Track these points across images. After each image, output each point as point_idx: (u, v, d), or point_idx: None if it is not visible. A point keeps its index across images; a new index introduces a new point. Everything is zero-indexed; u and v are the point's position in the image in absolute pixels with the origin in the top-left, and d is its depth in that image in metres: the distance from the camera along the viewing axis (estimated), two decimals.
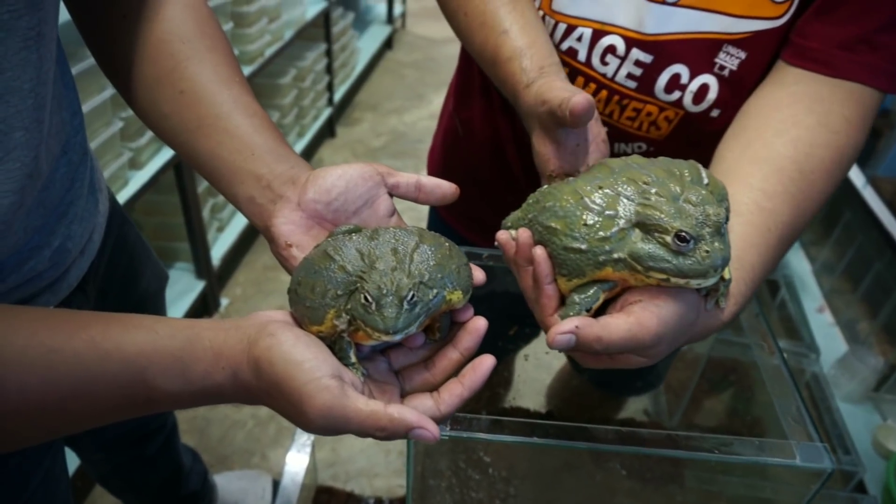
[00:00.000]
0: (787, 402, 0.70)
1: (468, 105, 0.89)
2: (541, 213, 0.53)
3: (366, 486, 1.58)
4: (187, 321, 0.46)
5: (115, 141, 1.41)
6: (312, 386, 0.40)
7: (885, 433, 1.57)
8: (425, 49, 4.29)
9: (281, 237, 0.53)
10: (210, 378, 0.43)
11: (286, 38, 2.26)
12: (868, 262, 1.83)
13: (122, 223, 0.81)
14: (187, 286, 1.89)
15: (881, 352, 1.71)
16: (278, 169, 0.55)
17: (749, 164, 0.60)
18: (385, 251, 0.47)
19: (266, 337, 0.43)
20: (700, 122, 0.70)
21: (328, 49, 2.81)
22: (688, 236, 0.45)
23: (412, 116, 3.44)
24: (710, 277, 0.46)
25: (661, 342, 0.47)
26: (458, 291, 0.48)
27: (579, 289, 0.50)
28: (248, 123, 0.56)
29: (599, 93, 0.71)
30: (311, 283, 0.47)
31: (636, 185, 0.50)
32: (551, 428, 0.64)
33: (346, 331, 0.46)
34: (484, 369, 0.46)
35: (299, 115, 2.64)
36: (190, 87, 0.57)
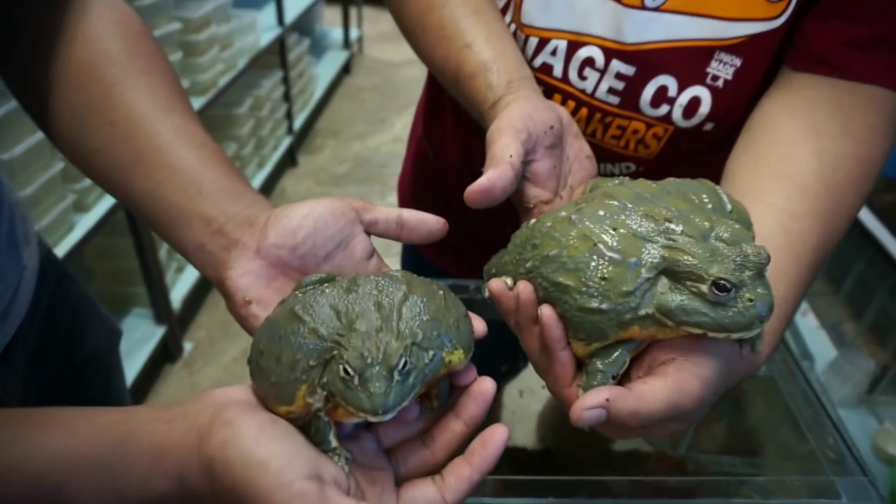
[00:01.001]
0: (820, 431, 0.63)
1: (439, 127, 0.82)
2: (543, 263, 0.44)
3: None
4: (121, 413, 0.36)
5: (55, 184, 1.30)
6: (282, 494, 0.31)
7: (884, 437, 1.53)
8: (384, 72, 4.24)
9: (238, 292, 0.44)
10: (149, 487, 0.34)
11: (240, 66, 2.18)
12: (848, 263, 1.81)
13: (60, 277, 0.70)
14: (146, 333, 1.76)
15: (870, 353, 1.68)
16: (232, 209, 0.46)
17: (767, 180, 0.53)
18: (367, 306, 0.39)
19: (221, 429, 0.34)
20: (692, 137, 0.64)
21: (285, 76, 2.73)
22: (728, 285, 0.37)
23: (375, 141, 3.37)
24: (755, 329, 0.39)
25: (703, 405, 0.40)
26: (458, 350, 0.39)
27: (600, 353, 0.42)
28: (195, 156, 0.48)
29: (579, 111, 0.64)
30: (277, 353, 0.38)
31: (656, 221, 0.42)
32: (564, 484, 0.56)
33: (322, 409, 0.37)
34: (496, 444, 0.38)
35: (258, 145, 2.54)
36: (123, 117, 0.48)
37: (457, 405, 0.41)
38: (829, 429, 0.62)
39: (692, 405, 0.39)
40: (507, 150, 0.48)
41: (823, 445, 0.61)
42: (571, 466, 0.94)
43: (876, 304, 1.69)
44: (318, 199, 0.46)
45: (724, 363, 0.41)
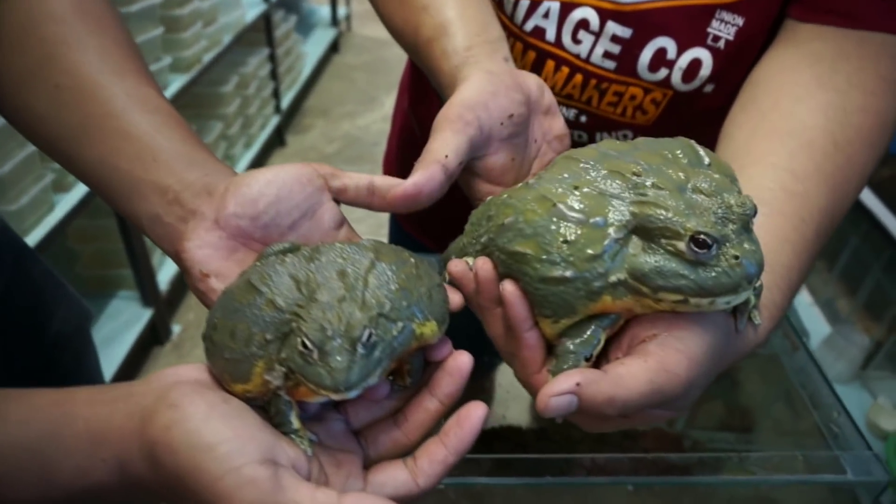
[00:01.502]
0: (825, 408, 0.61)
1: (424, 101, 0.79)
2: (499, 234, 0.39)
3: None
4: (56, 394, 0.33)
5: (33, 162, 1.26)
6: (230, 480, 0.29)
7: (878, 412, 1.53)
8: (374, 51, 4.18)
9: (195, 265, 0.41)
10: (86, 476, 0.31)
11: (225, 42, 2.12)
12: (843, 238, 1.80)
13: (20, 257, 0.67)
14: (133, 316, 1.73)
15: (864, 329, 1.68)
16: (189, 177, 0.43)
17: (768, 139, 0.49)
18: (329, 275, 0.35)
19: (166, 410, 0.31)
20: (692, 101, 0.60)
21: (271, 54, 2.67)
22: (709, 239, 0.33)
23: (365, 120, 3.32)
24: (743, 291, 0.34)
25: (692, 388, 0.36)
26: (430, 322, 0.36)
27: (571, 331, 0.37)
28: (148, 122, 0.44)
29: (574, 77, 0.60)
30: (231, 327, 0.35)
31: (623, 177, 0.37)
32: (562, 462, 0.54)
33: (282, 387, 0.34)
34: (473, 424, 0.35)
35: (245, 124, 2.50)
36: (70, 81, 0.44)
37: (431, 382, 0.38)
38: (832, 403, 0.61)
39: (679, 388, 0.34)
40: (444, 149, 0.44)
41: (827, 420, 0.60)
42: (568, 445, 0.92)
43: (871, 279, 1.68)
44: (282, 165, 0.43)
45: (715, 338, 0.37)
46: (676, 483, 0.55)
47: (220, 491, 0.29)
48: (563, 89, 0.62)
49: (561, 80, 0.61)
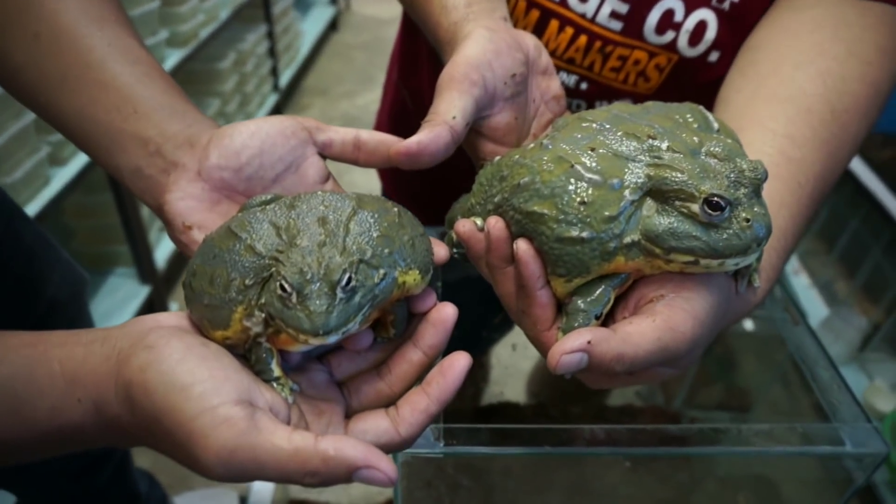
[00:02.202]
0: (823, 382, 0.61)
1: (415, 72, 0.78)
2: (514, 194, 0.40)
3: (342, 495, 1.47)
4: (31, 336, 0.33)
5: (28, 134, 1.24)
6: (205, 420, 0.29)
7: (874, 393, 1.54)
8: (373, 30, 4.13)
9: (177, 217, 0.41)
10: (61, 416, 0.31)
11: (222, 18, 2.10)
12: (842, 220, 1.80)
13: (11, 218, 0.66)
14: (130, 292, 1.73)
15: (863, 311, 1.68)
16: (171, 129, 0.42)
17: (767, 103, 0.49)
18: (310, 222, 0.35)
19: (142, 352, 0.31)
20: (695, 70, 0.60)
21: (269, 31, 2.64)
22: (723, 201, 0.34)
23: (364, 99, 3.29)
24: (752, 253, 0.35)
25: (697, 346, 0.36)
26: (413, 271, 0.36)
27: (582, 290, 0.38)
28: (129, 72, 0.43)
29: (577, 39, 0.59)
30: (210, 273, 0.35)
31: (638, 139, 0.38)
32: (560, 432, 0.54)
33: (262, 334, 0.34)
34: (456, 373, 0.35)
35: (243, 102, 2.47)
36: (48, 30, 0.43)
37: (415, 333, 0.38)
38: (832, 376, 0.60)
39: (685, 347, 0.35)
40: (452, 110, 0.43)
41: (826, 396, 0.60)
42: (566, 421, 0.92)
43: (870, 261, 1.68)
44: (266, 117, 0.43)
45: (718, 299, 0.38)
46: (673, 454, 0.54)
47: (194, 430, 0.29)
48: (566, 53, 0.60)
49: (564, 41, 0.60)
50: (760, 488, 0.84)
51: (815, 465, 0.68)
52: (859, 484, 0.57)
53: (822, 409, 0.58)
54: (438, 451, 0.51)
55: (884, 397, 1.52)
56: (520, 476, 0.83)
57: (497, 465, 0.83)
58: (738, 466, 0.83)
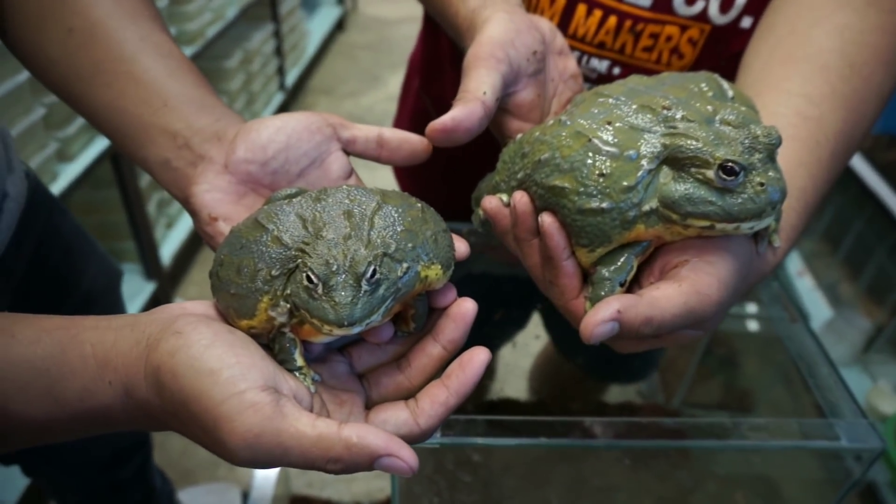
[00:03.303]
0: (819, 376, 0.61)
1: (438, 79, 0.78)
2: (535, 169, 0.41)
3: (344, 491, 1.47)
4: (63, 319, 0.34)
5: (37, 130, 1.26)
6: (232, 404, 0.29)
7: (877, 395, 1.53)
8: (379, 30, 4.14)
9: (203, 209, 0.42)
10: (91, 398, 0.32)
11: (229, 16, 2.11)
12: (847, 222, 1.79)
13: (52, 213, 0.67)
14: (136, 288, 1.74)
15: (867, 313, 1.67)
16: (199, 123, 0.43)
17: (783, 64, 0.49)
18: (335, 215, 0.36)
19: (171, 337, 0.31)
20: (729, 39, 0.59)
21: (276, 30, 2.66)
22: (737, 167, 0.34)
23: (369, 99, 3.30)
24: (766, 217, 0.36)
25: (722, 309, 0.37)
26: (436, 266, 0.37)
27: (605, 259, 0.39)
28: (161, 67, 0.44)
29: (607, 21, 0.59)
30: (237, 263, 0.35)
31: (653, 111, 0.39)
32: (557, 424, 0.55)
33: (286, 324, 0.34)
34: (476, 367, 0.35)
35: (249, 100, 2.48)
36: (82, 24, 0.44)
37: (435, 328, 0.38)
38: (829, 373, 0.60)
39: (711, 310, 0.36)
40: (482, 86, 0.44)
41: (823, 392, 0.60)
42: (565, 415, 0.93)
43: (874, 263, 1.67)
44: (292, 113, 0.44)
45: (741, 261, 0.39)
46: (670, 446, 0.55)
47: (221, 414, 0.29)
48: (596, 37, 0.60)
49: (593, 25, 0.59)
50: (759, 487, 0.84)
51: (814, 464, 0.68)
52: (856, 478, 0.57)
53: (828, 400, 0.59)
54: (436, 441, 0.52)
55: (887, 399, 1.51)
56: (519, 473, 0.83)
57: (496, 461, 0.83)
58: (737, 465, 0.84)
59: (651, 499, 0.84)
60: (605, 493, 0.83)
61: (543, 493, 0.82)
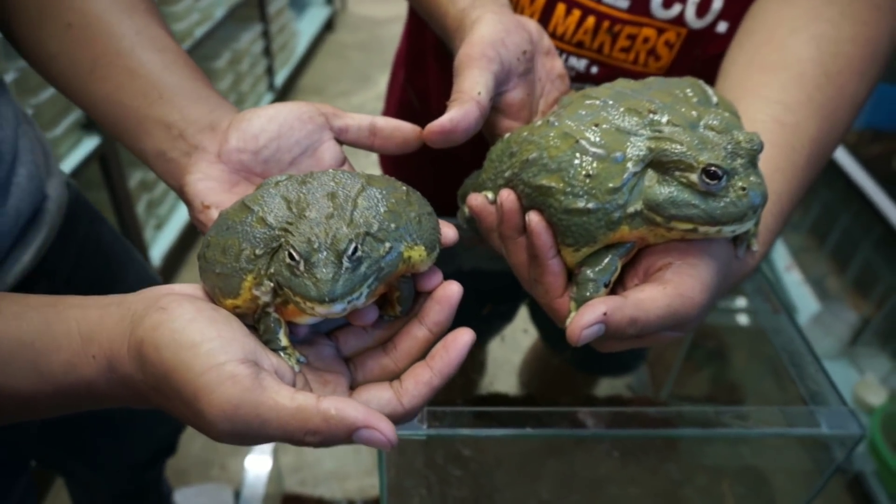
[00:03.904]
0: (802, 366, 0.62)
1: (421, 72, 0.79)
2: (523, 168, 0.42)
3: (336, 489, 1.47)
4: (49, 297, 0.35)
5: None
6: (211, 376, 0.30)
7: (865, 388, 1.55)
8: (369, 29, 4.14)
9: (197, 197, 0.42)
10: (75, 371, 0.33)
11: (217, 17, 2.10)
12: (833, 217, 1.81)
13: (93, 221, 0.68)
14: None
15: (853, 306, 1.69)
16: (193, 114, 0.44)
17: (761, 72, 0.50)
18: (319, 196, 0.36)
19: (154, 313, 0.32)
20: (705, 43, 0.60)
21: (265, 30, 2.65)
22: (720, 171, 0.35)
23: (359, 99, 3.30)
24: (748, 220, 0.36)
25: (703, 311, 0.38)
26: (419, 247, 0.37)
27: (590, 260, 0.40)
28: (157, 60, 0.45)
29: (585, 20, 0.60)
30: (223, 244, 0.36)
31: (639, 114, 0.40)
32: (545, 415, 0.55)
33: (270, 304, 0.35)
34: (459, 348, 0.36)
35: (238, 101, 2.48)
36: (80, 20, 0.45)
37: (420, 311, 0.39)
38: (810, 361, 0.61)
39: (693, 312, 0.37)
40: (476, 86, 0.45)
41: (807, 380, 0.61)
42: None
43: (860, 257, 1.69)
44: (284, 102, 0.45)
45: (721, 264, 0.39)
46: (656, 435, 0.56)
47: (201, 386, 0.30)
48: (574, 36, 0.61)
49: (572, 25, 0.60)
50: (747, 478, 0.85)
51: (801, 454, 0.69)
52: (838, 463, 0.58)
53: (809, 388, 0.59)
54: (422, 433, 0.52)
55: (874, 391, 1.53)
56: (509, 467, 0.84)
57: (486, 455, 0.84)
58: (725, 457, 0.85)
59: (640, 491, 0.85)
60: (595, 486, 0.84)
61: (534, 486, 0.83)
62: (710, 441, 0.83)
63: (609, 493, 0.84)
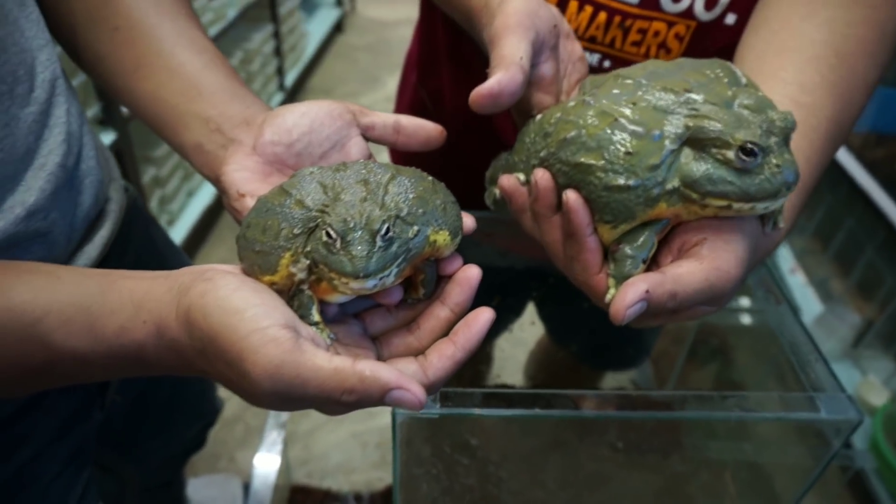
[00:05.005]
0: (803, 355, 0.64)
1: (435, 73, 0.80)
2: (561, 148, 0.43)
3: (343, 481, 1.49)
4: (103, 270, 0.37)
5: None
6: (255, 338, 0.32)
7: (867, 388, 1.56)
8: (378, 32, 4.17)
9: (232, 186, 0.45)
10: (127, 335, 0.35)
11: (229, 17, 2.13)
12: (838, 220, 1.82)
13: (148, 226, 0.71)
14: None
15: (857, 308, 1.70)
16: (230, 110, 0.47)
17: (777, 55, 0.52)
18: (353, 182, 0.39)
19: (201, 282, 0.34)
20: (714, 35, 0.62)
21: (276, 31, 2.68)
22: (756, 148, 0.36)
23: (368, 100, 3.33)
24: (781, 197, 0.38)
25: (737, 285, 0.40)
26: (444, 231, 0.40)
27: (627, 237, 0.41)
28: (196, 60, 0.48)
29: (597, 16, 0.61)
30: (262, 224, 0.38)
31: (675, 93, 0.41)
32: (553, 398, 0.57)
33: (305, 281, 0.37)
34: (480, 324, 0.38)
35: None
36: (125, 23, 0.49)
37: (442, 292, 0.41)
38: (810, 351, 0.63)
39: (730, 286, 0.39)
40: (518, 51, 0.45)
41: (805, 366, 0.62)
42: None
43: (864, 259, 1.70)
44: (315, 101, 0.47)
45: (752, 239, 0.41)
46: (660, 417, 0.57)
47: (245, 347, 0.32)
48: (587, 31, 0.62)
49: (584, 21, 0.62)
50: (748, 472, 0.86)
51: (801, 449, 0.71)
52: (835, 450, 0.60)
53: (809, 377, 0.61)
54: (435, 412, 0.54)
55: (876, 392, 1.54)
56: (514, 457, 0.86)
57: (493, 445, 0.86)
58: (727, 451, 0.86)
59: (644, 483, 0.87)
60: (599, 477, 0.85)
61: (539, 476, 0.85)
62: (713, 434, 0.85)
63: (612, 485, 0.86)
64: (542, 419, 0.59)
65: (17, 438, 0.53)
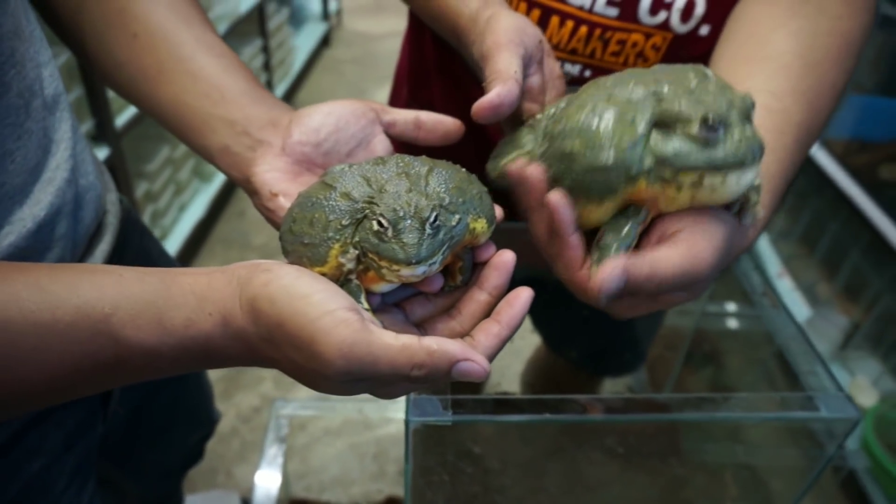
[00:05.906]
0: (801, 355, 0.66)
1: (425, 86, 0.82)
2: (552, 143, 0.46)
3: (342, 494, 1.49)
4: (159, 269, 0.38)
5: None
6: (326, 321, 0.33)
7: (857, 390, 1.58)
8: (364, 45, 4.20)
9: (265, 186, 0.46)
10: (194, 326, 0.35)
11: (220, 31, 2.13)
12: (823, 224, 1.86)
13: (142, 236, 0.71)
14: None
15: (844, 311, 1.73)
16: (254, 112, 0.48)
17: (747, 64, 0.54)
18: (394, 175, 0.40)
19: (261, 274, 0.35)
20: (689, 46, 0.65)
21: (265, 45, 2.69)
22: (716, 120, 0.39)
23: None
24: (749, 167, 0.40)
25: (713, 273, 0.41)
26: (482, 219, 0.41)
27: (610, 227, 0.44)
28: (216, 64, 0.49)
29: (578, 30, 0.65)
30: (310, 217, 0.39)
31: (645, 86, 0.44)
32: (560, 403, 0.58)
33: (353, 270, 0.38)
34: (522, 302, 0.39)
35: None
36: (144, 29, 0.49)
37: (480, 278, 0.42)
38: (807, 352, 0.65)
39: (705, 271, 0.40)
40: (512, 66, 0.48)
41: (803, 367, 0.64)
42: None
43: (849, 263, 1.74)
44: (337, 100, 0.49)
45: (729, 231, 0.43)
46: (666, 419, 0.59)
47: (318, 329, 0.33)
48: (569, 44, 0.65)
49: (566, 34, 0.65)
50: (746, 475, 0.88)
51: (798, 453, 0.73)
52: (834, 450, 0.61)
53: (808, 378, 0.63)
54: (448, 419, 0.55)
55: (866, 393, 1.57)
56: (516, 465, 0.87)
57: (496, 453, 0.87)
58: (726, 454, 0.88)
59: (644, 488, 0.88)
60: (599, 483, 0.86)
61: (541, 482, 0.86)
62: (711, 438, 0.87)
63: (613, 490, 0.87)
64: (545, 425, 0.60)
65: (27, 452, 0.53)
